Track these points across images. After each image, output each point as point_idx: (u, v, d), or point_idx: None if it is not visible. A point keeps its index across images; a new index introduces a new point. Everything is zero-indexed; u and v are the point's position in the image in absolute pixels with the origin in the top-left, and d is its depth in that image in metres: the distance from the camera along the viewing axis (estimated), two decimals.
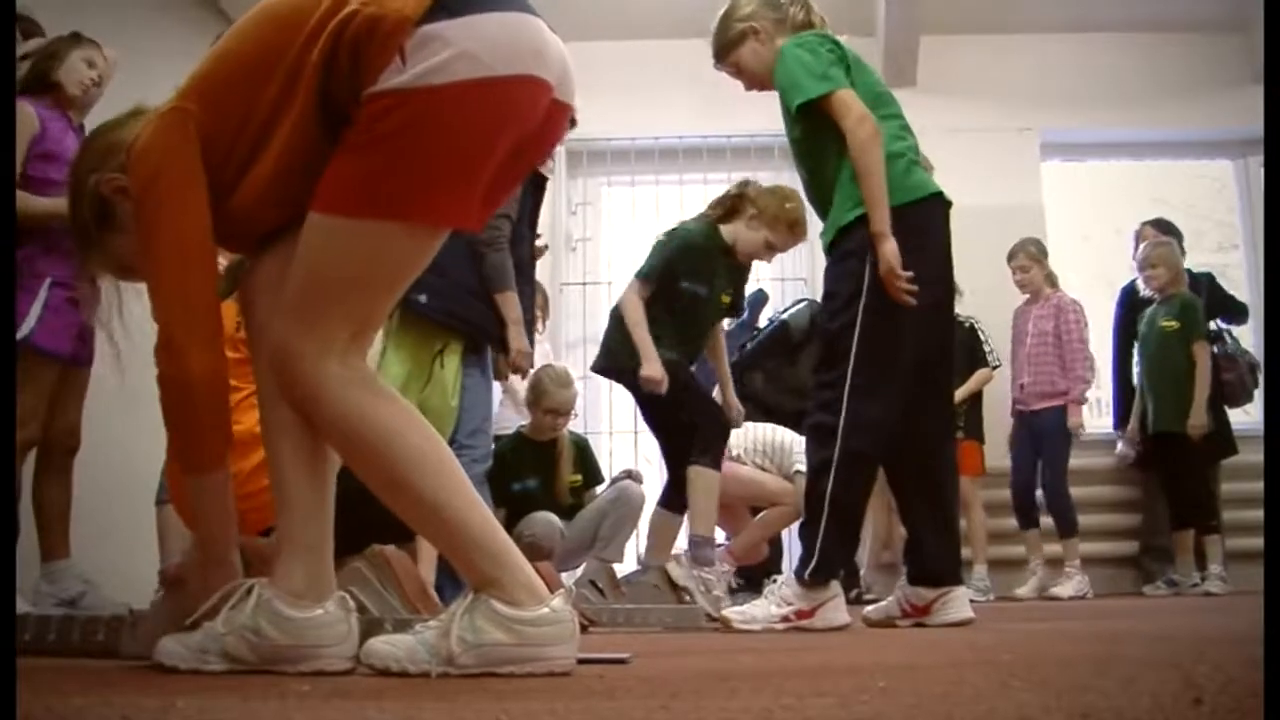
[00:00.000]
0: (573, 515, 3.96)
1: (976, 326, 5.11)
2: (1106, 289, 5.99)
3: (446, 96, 1.30)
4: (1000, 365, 5.12)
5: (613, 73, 5.53)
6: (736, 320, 4.98)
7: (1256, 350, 5.27)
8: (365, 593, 1.86)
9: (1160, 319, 4.92)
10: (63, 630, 1.65)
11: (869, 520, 4.73)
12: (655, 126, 5.79)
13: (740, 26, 2.79)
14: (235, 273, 1.66)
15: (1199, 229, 5.91)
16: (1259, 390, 5.08)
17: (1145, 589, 5.01)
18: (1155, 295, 4.97)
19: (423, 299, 3.05)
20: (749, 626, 2.51)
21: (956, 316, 4.95)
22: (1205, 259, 5.27)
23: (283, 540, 1.45)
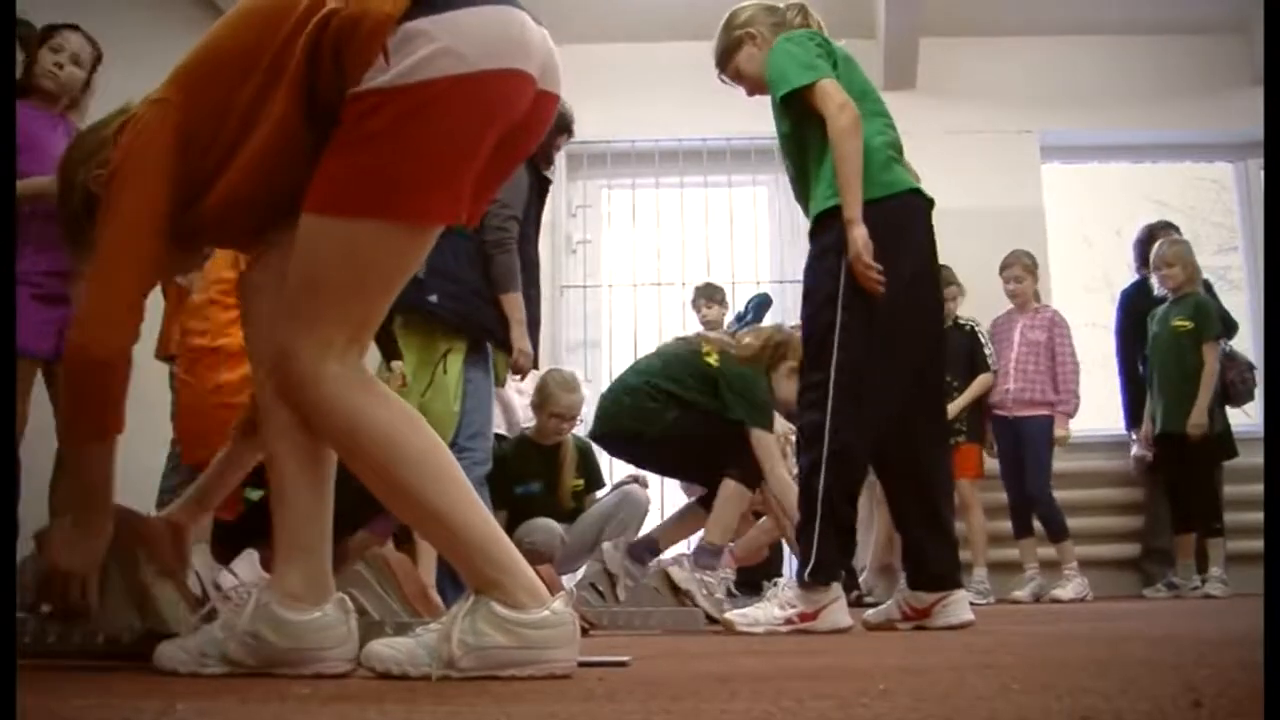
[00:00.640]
0: (574, 520, 3.96)
1: (978, 330, 5.04)
2: (1107, 290, 5.99)
3: (432, 93, 1.30)
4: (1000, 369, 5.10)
5: (613, 75, 5.55)
6: (739, 326, 4.98)
7: (1248, 352, 5.25)
8: (365, 595, 1.86)
9: (1173, 318, 4.84)
10: (62, 632, 1.65)
11: (872, 523, 4.73)
12: (655, 129, 5.78)
13: (738, 33, 2.81)
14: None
15: (1198, 231, 5.90)
16: (1258, 389, 5.06)
17: (1145, 591, 5.00)
18: (1170, 294, 4.87)
19: (434, 299, 3.05)
20: (752, 629, 2.51)
21: (958, 319, 5.01)
22: (1205, 261, 5.25)
23: (280, 542, 1.44)
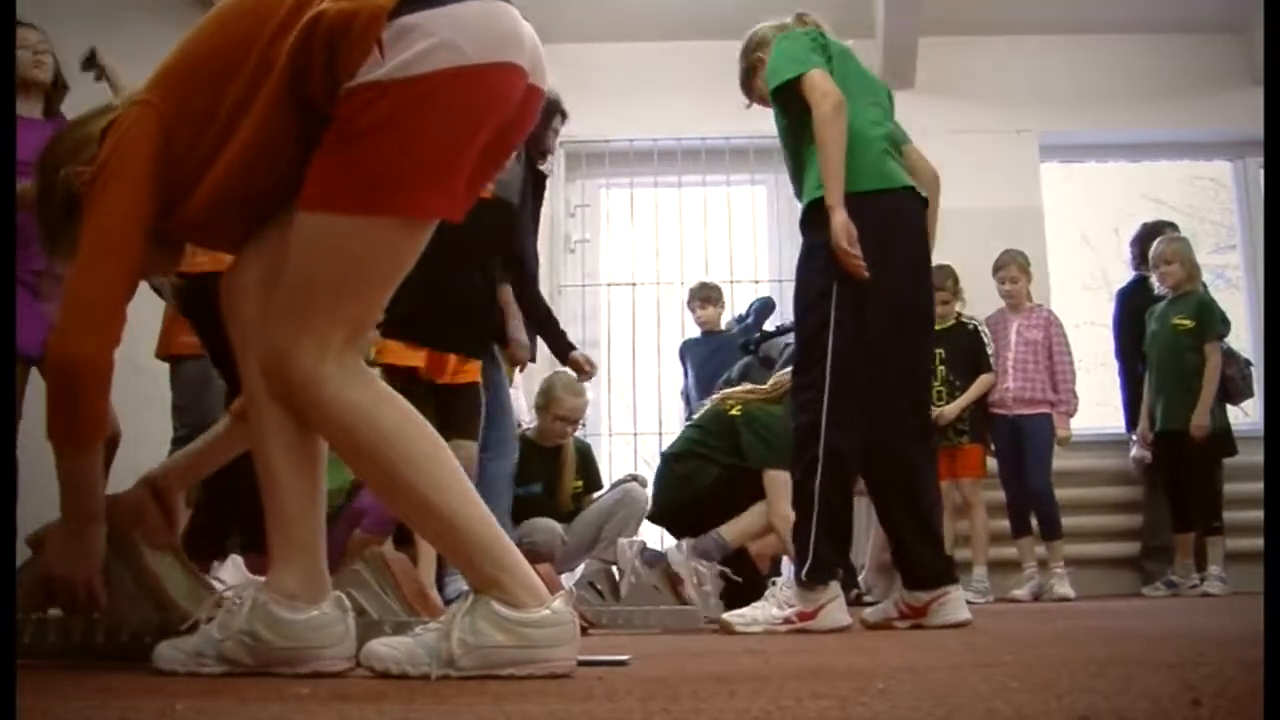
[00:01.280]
0: (572, 521, 3.96)
1: (980, 330, 4.99)
2: (1105, 289, 5.99)
3: (428, 86, 1.30)
4: None
5: (611, 74, 5.54)
6: (739, 327, 4.97)
7: (1245, 350, 5.24)
8: (364, 595, 1.86)
9: (1173, 317, 4.79)
10: (63, 632, 1.65)
11: (870, 522, 4.72)
12: (654, 128, 5.77)
13: (754, 57, 2.89)
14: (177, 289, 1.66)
15: (1197, 230, 5.90)
16: (1257, 386, 5.05)
17: (1144, 590, 4.99)
18: (1169, 292, 4.83)
19: None
20: (750, 629, 2.51)
21: (960, 318, 5.00)
22: (1203, 260, 5.24)
23: (274, 542, 1.44)
